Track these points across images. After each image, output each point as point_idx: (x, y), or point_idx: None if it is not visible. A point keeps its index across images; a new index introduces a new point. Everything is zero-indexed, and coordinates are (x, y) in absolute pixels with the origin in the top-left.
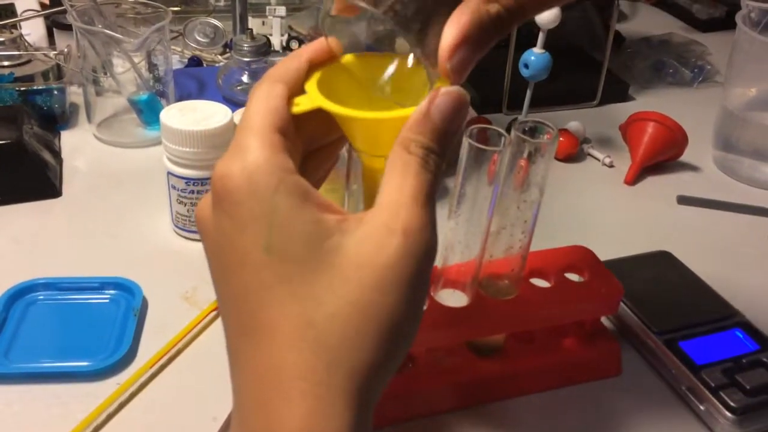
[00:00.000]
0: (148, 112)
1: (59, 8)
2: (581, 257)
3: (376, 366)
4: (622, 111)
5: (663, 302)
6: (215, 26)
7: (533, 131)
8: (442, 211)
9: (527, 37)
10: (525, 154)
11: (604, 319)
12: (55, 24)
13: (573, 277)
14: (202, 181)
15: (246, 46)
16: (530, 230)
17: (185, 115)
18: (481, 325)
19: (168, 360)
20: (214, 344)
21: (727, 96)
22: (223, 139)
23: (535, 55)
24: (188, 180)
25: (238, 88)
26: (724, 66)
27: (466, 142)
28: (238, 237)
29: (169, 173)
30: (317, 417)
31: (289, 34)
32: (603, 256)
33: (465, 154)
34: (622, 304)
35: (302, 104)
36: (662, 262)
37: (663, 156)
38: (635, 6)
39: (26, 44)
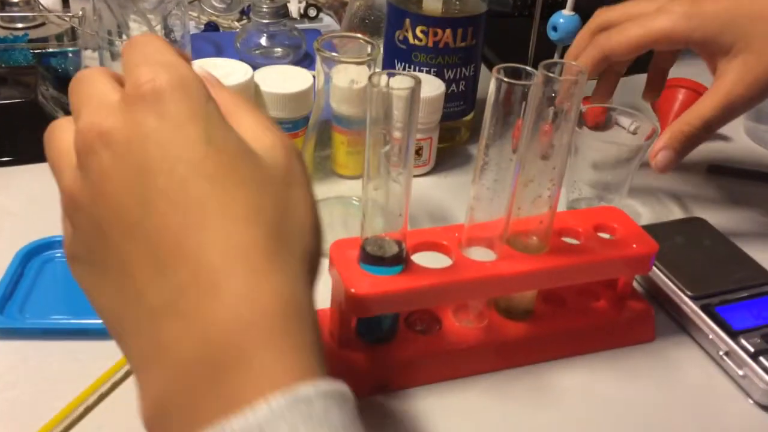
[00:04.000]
0: None
1: None
2: (613, 217)
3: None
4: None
5: (698, 268)
6: None
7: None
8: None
9: (548, 6)
10: (553, 92)
11: (635, 285)
12: None
13: (605, 236)
14: None
15: (265, 8)
16: (559, 178)
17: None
18: (510, 280)
19: None
20: None
21: None
22: (244, 96)
23: (564, 18)
24: None
25: (257, 51)
26: None
27: (494, 79)
28: (171, 135)
29: None
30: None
31: (307, 2)
32: (635, 222)
33: (493, 94)
34: (655, 269)
35: None
36: (696, 228)
37: None
38: None
39: (40, 6)
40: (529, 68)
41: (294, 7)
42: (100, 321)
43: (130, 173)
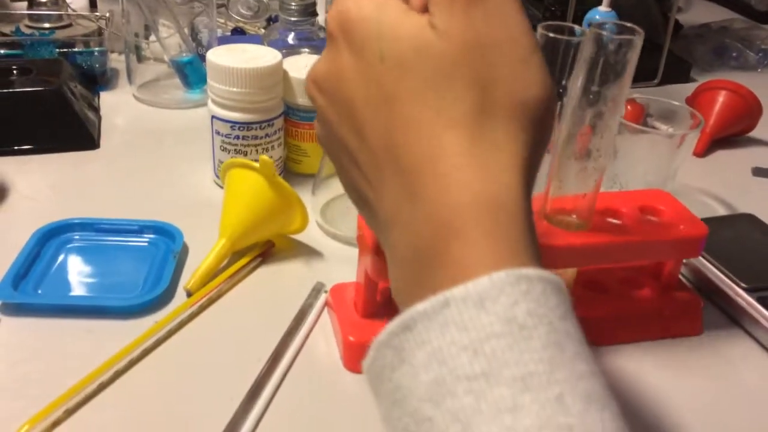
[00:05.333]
0: (191, 73)
1: None
2: (660, 199)
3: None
4: (683, 91)
5: (751, 260)
6: None
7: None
8: None
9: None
10: (606, 51)
11: (681, 279)
12: None
13: (651, 219)
14: (249, 125)
15: (294, 5)
16: (606, 150)
17: (234, 54)
18: (548, 255)
19: (209, 302)
20: (258, 290)
21: None
22: (272, 80)
23: (601, 14)
24: (234, 124)
25: (284, 51)
26: None
27: (539, 35)
28: (356, 62)
29: (213, 117)
30: (487, 182)
31: None
32: None
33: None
34: (704, 260)
35: None
36: (745, 223)
37: (736, 127)
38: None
39: (68, 7)
40: (576, 26)
41: (323, 16)
42: (119, 299)
43: (363, 66)
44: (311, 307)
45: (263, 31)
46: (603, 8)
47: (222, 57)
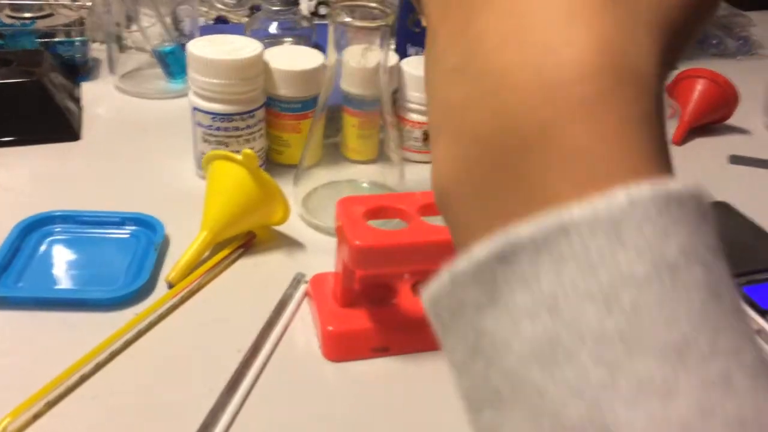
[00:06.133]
0: (172, 63)
1: None
2: None
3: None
4: None
5: (727, 248)
6: None
7: None
8: None
9: None
10: None
11: None
12: None
13: None
14: (230, 116)
15: None
16: None
17: (216, 46)
18: None
19: (189, 293)
20: (238, 281)
21: None
22: (253, 72)
23: None
24: (215, 115)
25: (266, 41)
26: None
27: None
28: None
29: (194, 109)
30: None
31: (318, 0)
32: None
33: None
34: None
35: None
36: (721, 212)
37: (713, 116)
38: None
39: None
40: None
41: (305, 6)
42: (100, 292)
43: None
44: (291, 298)
45: (246, 19)
46: None
47: (202, 48)
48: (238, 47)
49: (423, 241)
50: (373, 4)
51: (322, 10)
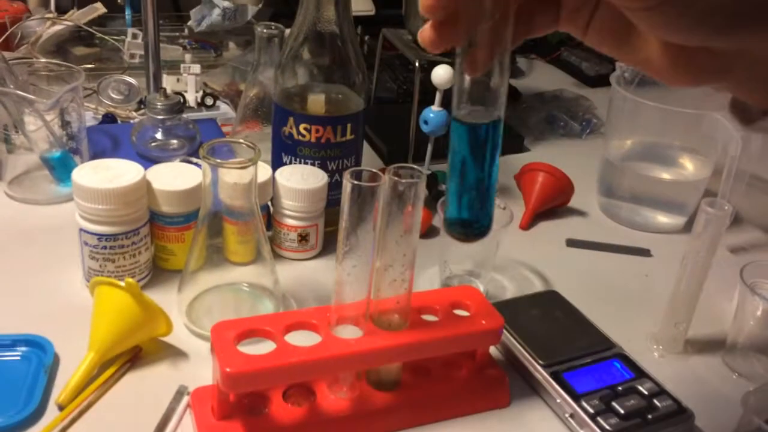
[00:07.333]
0: (60, 169)
1: None
2: (468, 296)
3: None
4: (518, 161)
5: (550, 337)
6: (129, 83)
7: (408, 175)
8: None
9: (430, 95)
10: (398, 193)
11: (497, 355)
12: None
13: (461, 312)
14: (115, 236)
15: (159, 105)
16: (411, 264)
17: (98, 173)
18: (370, 355)
19: (79, 414)
20: (125, 397)
21: (607, 147)
22: (136, 195)
23: (434, 113)
24: (101, 236)
25: (152, 144)
26: None
27: (346, 181)
28: None
29: (81, 230)
30: None
31: (204, 91)
32: (501, 296)
33: (348, 194)
34: (513, 339)
35: None
36: (550, 301)
37: (553, 203)
38: (531, 63)
39: None
40: (375, 170)
41: (191, 96)
42: None
43: None
44: (174, 412)
45: (135, 114)
46: (435, 108)
47: (86, 177)
48: (120, 173)
49: (287, 363)
50: (242, 142)
51: (209, 101)
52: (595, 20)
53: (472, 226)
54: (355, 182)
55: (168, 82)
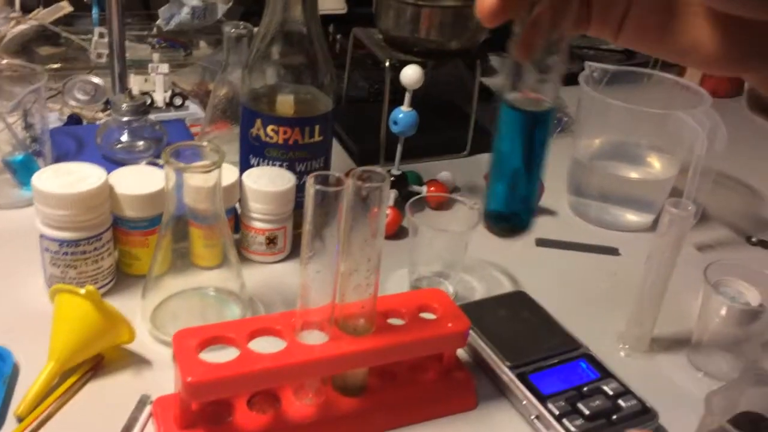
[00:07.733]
0: (23, 172)
1: None
2: (435, 298)
3: None
4: (488, 160)
5: (517, 338)
6: (95, 84)
7: (371, 178)
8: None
9: (401, 95)
10: (361, 197)
11: (464, 357)
12: None
13: (428, 315)
14: (77, 242)
15: (124, 106)
16: (375, 268)
17: (60, 177)
18: (335, 360)
19: (39, 424)
20: (87, 407)
21: (576, 146)
22: (98, 200)
23: (403, 113)
24: (62, 242)
25: (118, 146)
26: None
27: (309, 185)
28: None
29: (42, 236)
30: None
31: (173, 91)
32: (470, 296)
33: (311, 198)
34: (480, 341)
35: None
36: (518, 302)
37: None
38: (504, 61)
39: None
40: (339, 174)
41: (160, 96)
42: None
43: None
44: (136, 421)
45: (101, 114)
46: (404, 108)
47: (46, 182)
48: (83, 177)
49: (251, 370)
50: (206, 145)
51: (177, 101)
52: (630, 17)
53: (511, 220)
54: (318, 187)
55: (136, 81)
